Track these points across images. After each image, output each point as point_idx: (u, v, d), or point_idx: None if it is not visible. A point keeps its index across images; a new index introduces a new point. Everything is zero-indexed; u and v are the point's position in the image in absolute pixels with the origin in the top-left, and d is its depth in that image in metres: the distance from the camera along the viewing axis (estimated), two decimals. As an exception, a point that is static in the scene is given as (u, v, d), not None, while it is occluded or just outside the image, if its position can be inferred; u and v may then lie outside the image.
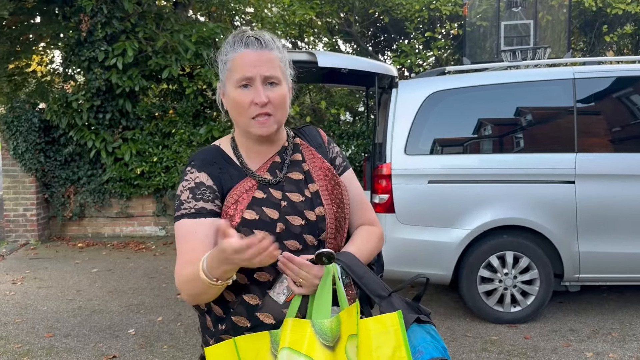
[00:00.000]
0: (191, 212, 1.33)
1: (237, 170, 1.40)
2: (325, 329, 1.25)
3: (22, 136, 7.41)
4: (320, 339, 1.23)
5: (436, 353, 1.28)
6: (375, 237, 1.51)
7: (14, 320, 4.55)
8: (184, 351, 3.90)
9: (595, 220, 4.16)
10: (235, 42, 1.36)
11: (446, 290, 5.13)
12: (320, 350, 1.22)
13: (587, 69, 4.38)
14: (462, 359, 3.69)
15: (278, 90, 1.35)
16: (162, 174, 7.64)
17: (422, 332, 1.34)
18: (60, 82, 8.76)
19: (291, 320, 1.25)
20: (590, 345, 3.87)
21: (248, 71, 1.32)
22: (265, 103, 1.31)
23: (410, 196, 4.30)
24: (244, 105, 1.33)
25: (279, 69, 1.36)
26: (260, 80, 1.32)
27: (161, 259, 6.66)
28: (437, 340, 1.34)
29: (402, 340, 1.22)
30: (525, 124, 4.43)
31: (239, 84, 1.33)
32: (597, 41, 9.19)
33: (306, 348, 1.21)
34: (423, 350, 1.27)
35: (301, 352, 1.20)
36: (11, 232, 7.65)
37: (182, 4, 8.79)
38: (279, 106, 1.35)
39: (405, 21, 8.78)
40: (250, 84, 1.33)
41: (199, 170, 1.38)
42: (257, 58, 1.33)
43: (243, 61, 1.33)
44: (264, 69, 1.32)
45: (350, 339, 1.23)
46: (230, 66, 1.35)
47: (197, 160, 1.40)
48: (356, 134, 7.62)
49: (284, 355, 1.20)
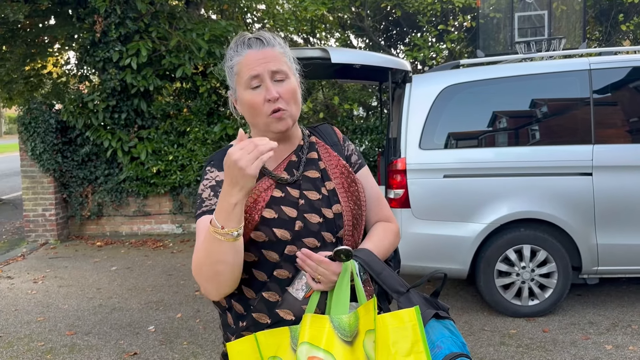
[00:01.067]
0: (212, 208, 1.35)
1: None
2: (343, 325, 1.26)
3: (40, 137, 7.51)
4: (339, 334, 1.25)
5: (455, 348, 1.28)
6: (392, 234, 1.52)
7: (36, 319, 4.64)
8: (204, 347, 3.94)
9: (613, 212, 4.12)
10: (238, 45, 1.39)
11: (463, 285, 5.11)
12: (339, 345, 1.24)
13: (603, 59, 4.33)
14: (480, 352, 3.69)
15: (287, 84, 1.37)
16: (178, 172, 7.70)
17: (440, 328, 1.34)
18: (75, 83, 8.85)
19: (310, 316, 1.26)
20: (610, 338, 3.84)
21: (255, 69, 1.34)
22: (276, 98, 1.34)
23: (426, 191, 4.30)
24: (258, 104, 1.35)
25: (285, 64, 1.39)
26: (268, 77, 1.35)
27: (179, 257, 6.72)
28: (456, 335, 1.34)
29: (419, 335, 1.22)
30: (540, 116, 4.40)
31: (249, 85, 1.35)
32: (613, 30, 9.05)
33: (325, 343, 1.22)
34: (442, 345, 1.28)
35: (320, 347, 1.22)
36: (31, 232, 7.77)
37: (194, 2, 8.83)
38: (291, 99, 1.37)
39: (417, 14, 8.73)
40: (259, 83, 1.35)
41: (219, 170, 1.40)
42: (262, 55, 1.35)
43: (249, 61, 1.35)
44: (270, 64, 1.35)
45: (368, 334, 1.24)
46: (238, 69, 1.38)
47: (217, 160, 1.42)
48: (370, 129, 7.61)
49: (304, 350, 1.21)
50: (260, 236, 1.34)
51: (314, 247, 1.35)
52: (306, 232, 1.35)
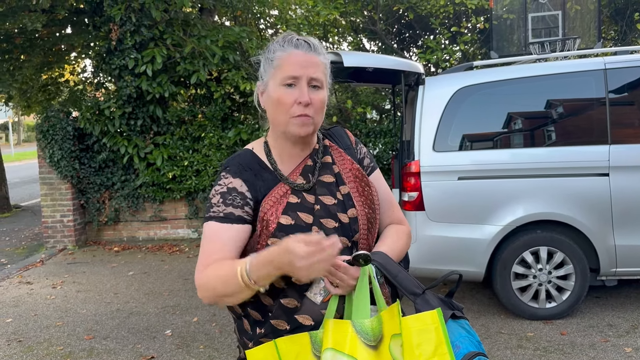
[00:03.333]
0: (219, 215, 1.36)
1: (271, 175, 1.42)
2: (366, 329, 1.26)
3: (58, 144, 7.62)
4: (362, 339, 1.25)
5: (472, 347, 1.29)
6: (405, 236, 1.53)
7: (55, 324, 4.70)
8: (220, 351, 3.97)
9: (631, 212, 4.07)
10: (285, 42, 1.39)
11: (479, 287, 5.08)
12: (363, 349, 1.23)
13: (618, 58, 4.29)
14: (497, 356, 3.66)
15: (320, 94, 1.38)
16: (193, 178, 7.76)
17: (457, 327, 1.35)
18: (92, 91, 8.97)
19: (332, 321, 1.26)
20: (630, 341, 3.79)
21: (296, 70, 1.35)
22: (308, 103, 1.34)
23: (440, 193, 4.28)
24: (288, 103, 1.35)
25: (323, 74, 1.40)
26: (306, 81, 1.35)
27: (194, 261, 6.77)
28: (472, 334, 1.35)
29: (443, 337, 1.23)
30: (556, 117, 4.37)
31: (284, 82, 1.35)
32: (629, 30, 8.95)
33: (349, 348, 1.22)
34: (460, 345, 1.28)
35: (344, 353, 1.21)
36: (49, 237, 7.87)
37: (208, 9, 8.91)
38: (319, 109, 1.38)
39: (430, 17, 8.71)
40: (295, 83, 1.35)
41: (234, 176, 1.40)
42: (306, 59, 1.36)
43: (292, 60, 1.36)
44: (311, 70, 1.36)
45: (394, 338, 1.24)
46: (278, 64, 1.37)
47: (233, 166, 1.42)
48: (383, 132, 7.60)
49: (329, 356, 1.21)
50: (277, 243, 1.34)
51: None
52: None
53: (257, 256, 1.25)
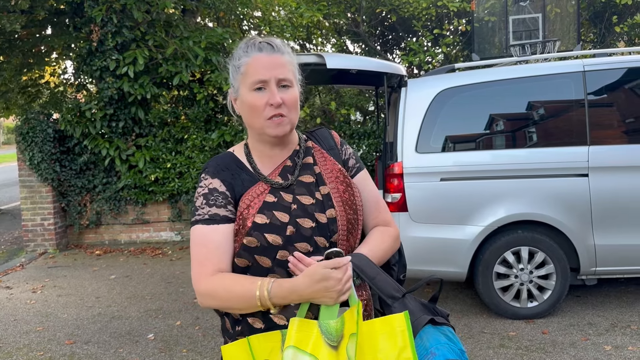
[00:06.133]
0: (205, 218, 1.38)
1: (250, 175, 1.43)
2: (330, 329, 1.27)
3: (38, 147, 7.51)
4: (326, 339, 1.25)
5: (451, 355, 1.27)
6: (390, 238, 1.51)
7: (35, 329, 4.63)
8: (203, 354, 3.94)
9: (611, 212, 4.13)
10: (249, 47, 1.41)
11: (462, 288, 5.12)
12: (325, 349, 1.24)
13: (597, 61, 4.35)
14: (480, 355, 3.69)
15: (291, 92, 1.39)
16: (176, 180, 7.71)
17: (436, 334, 1.32)
18: (73, 92, 8.87)
19: (297, 320, 1.27)
20: (609, 339, 3.85)
21: (263, 74, 1.36)
22: (280, 104, 1.36)
23: (423, 194, 4.31)
24: (260, 107, 1.37)
25: (291, 72, 1.41)
26: (274, 83, 1.37)
27: (178, 264, 6.72)
28: (454, 342, 1.32)
29: (408, 341, 1.22)
30: (536, 119, 4.42)
31: (253, 86, 1.37)
32: (608, 32, 9.09)
33: (312, 347, 1.23)
34: (436, 352, 1.26)
35: (306, 352, 1.23)
36: (30, 241, 7.76)
37: (191, 10, 8.86)
38: (292, 107, 1.39)
39: (412, 19, 8.76)
40: (264, 86, 1.37)
41: (212, 177, 1.42)
42: (271, 61, 1.37)
43: (257, 64, 1.37)
44: (278, 71, 1.37)
45: (351, 337, 1.24)
46: (244, 70, 1.39)
47: (211, 167, 1.44)
48: (367, 133, 7.63)
49: (289, 354, 1.23)
50: (252, 241, 1.35)
51: (306, 251, 1.36)
52: (298, 237, 1.36)
53: (279, 286, 1.30)
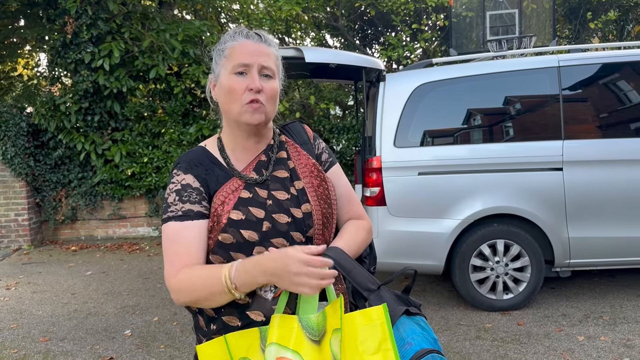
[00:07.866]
0: (178, 214, 1.35)
1: (223, 171, 1.41)
2: (311, 324, 1.26)
3: (11, 141, 7.37)
4: (307, 334, 1.25)
5: (425, 344, 1.28)
6: (364, 231, 1.51)
7: (9, 326, 4.55)
8: (181, 350, 3.92)
9: (584, 206, 4.21)
10: (236, 33, 1.41)
11: (439, 280, 5.17)
12: (308, 345, 1.24)
13: (571, 56, 4.41)
14: (456, 347, 3.74)
15: (272, 83, 1.38)
16: (153, 175, 7.63)
17: (411, 324, 1.34)
18: (47, 85, 8.71)
19: (278, 317, 1.26)
20: (582, 330, 3.92)
21: (247, 58, 1.36)
22: (259, 89, 1.35)
23: (401, 188, 4.33)
24: (239, 91, 1.35)
25: (275, 65, 1.41)
26: (256, 69, 1.36)
27: (155, 260, 6.66)
28: (427, 331, 1.34)
29: (387, 333, 1.23)
30: (512, 113, 4.47)
31: (235, 70, 1.36)
32: (582, 28, 9.24)
33: (293, 343, 1.23)
34: (412, 341, 1.27)
35: (288, 348, 1.22)
36: (3, 237, 7.61)
37: (168, 3, 8.75)
38: (271, 98, 1.38)
39: (391, 14, 8.78)
40: (246, 71, 1.36)
41: (185, 172, 1.39)
42: (256, 48, 1.37)
43: (242, 49, 1.37)
44: (262, 59, 1.37)
45: (335, 332, 1.24)
46: (229, 53, 1.38)
47: (183, 163, 1.41)
48: (346, 128, 7.64)
49: (272, 350, 1.21)
50: (227, 238, 1.33)
51: (282, 247, 1.35)
52: (274, 233, 1.35)
53: (243, 261, 1.27)
